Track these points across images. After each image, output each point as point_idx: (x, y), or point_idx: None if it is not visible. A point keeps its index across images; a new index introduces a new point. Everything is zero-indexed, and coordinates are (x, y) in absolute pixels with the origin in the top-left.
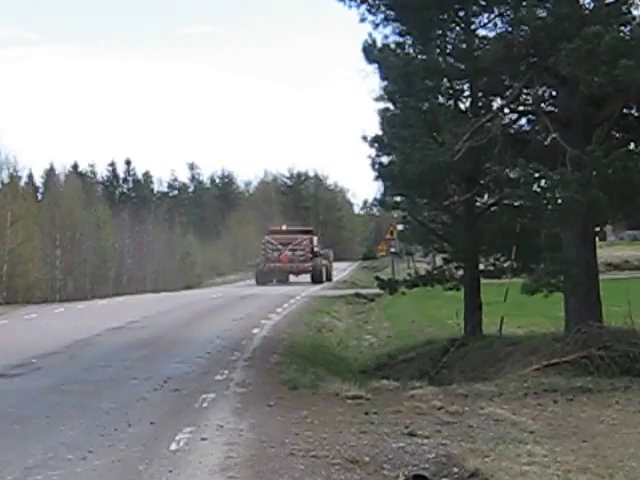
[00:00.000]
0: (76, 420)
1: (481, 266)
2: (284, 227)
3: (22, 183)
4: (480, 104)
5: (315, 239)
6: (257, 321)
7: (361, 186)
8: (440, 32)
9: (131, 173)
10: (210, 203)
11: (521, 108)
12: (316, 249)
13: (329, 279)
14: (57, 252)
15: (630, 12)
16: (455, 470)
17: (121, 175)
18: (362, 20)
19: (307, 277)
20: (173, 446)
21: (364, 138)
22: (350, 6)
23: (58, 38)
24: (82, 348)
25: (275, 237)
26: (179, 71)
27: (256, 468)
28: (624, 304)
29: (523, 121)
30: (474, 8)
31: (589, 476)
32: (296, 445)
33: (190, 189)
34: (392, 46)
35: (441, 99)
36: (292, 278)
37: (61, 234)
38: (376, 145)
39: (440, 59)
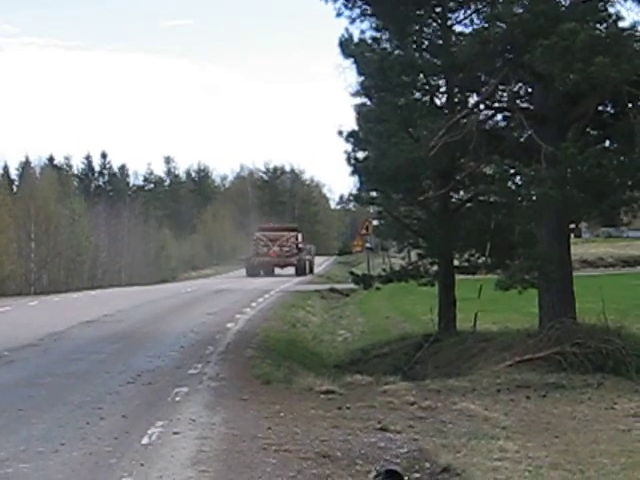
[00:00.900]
0: (48, 413)
1: (456, 262)
2: (272, 225)
3: None
4: (456, 100)
5: (300, 236)
6: (231, 315)
7: (337, 181)
8: (417, 28)
9: (107, 166)
10: (186, 197)
11: (497, 104)
12: (301, 245)
13: (311, 271)
14: (32, 245)
15: (606, 9)
16: (427, 465)
17: (97, 168)
18: (338, 15)
19: (291, 270)
20: (145, 440)
21: (340, 133)
22: (327, 1)
23: (35, 31)
24: (56, 341)
25: (264, 234)
26: (156, 64)
27: (228, 462)
28: (598, 301)
29: (499, 117)
30: (450, 4)
31: (560, 472)
32: (268, 439)
33: (166, 183)
34: (369, 41)
35: (417, 95)
36: (277, 270)
37: (36, 227)
38: (352, 140)
39: (416, 54)
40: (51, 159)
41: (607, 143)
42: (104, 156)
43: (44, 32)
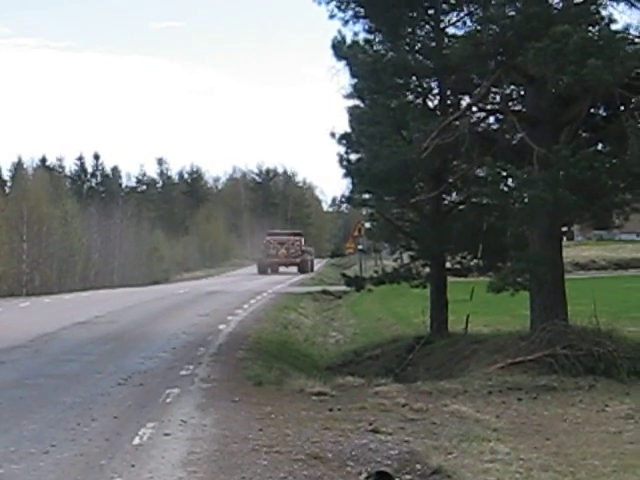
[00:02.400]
0: (39, 414)
1: (448, 264)
2: (279, 230)
3: None
4: (448, 102)
5: (302, 240)
6: (223, 317)
7: (330, 183)
8: (409, 30)
9: (99, 167)
10: (178, 199)
11: (489, 107)
12: (303, 248)
13: (312, 270)
14: (24, 246)
15: (599, 12)
16: (418, 467)
17: (89, 169)
18: (331, 17)
19: (294, 269)
20: (136, 441)
21: (332, 135)
22: (320, 2)
23: (28, 32)
24: (47, 342)
25: (274, 238)
26: (149, 66)
27: (219, 463)
28: (590, 303)
29: (491, 120)
30: (443, 6)
31: (551, 474)
32: (259, 441)
33: (158, 184)
34: (361, 43)
35: (410, 97)
36: (281, 269)
37: (28, 228)
38: (345, 142)
39: (409, 57)
40: (43, 160)
41: (599, 146)
42: (97, 157)
43: (36, 33)
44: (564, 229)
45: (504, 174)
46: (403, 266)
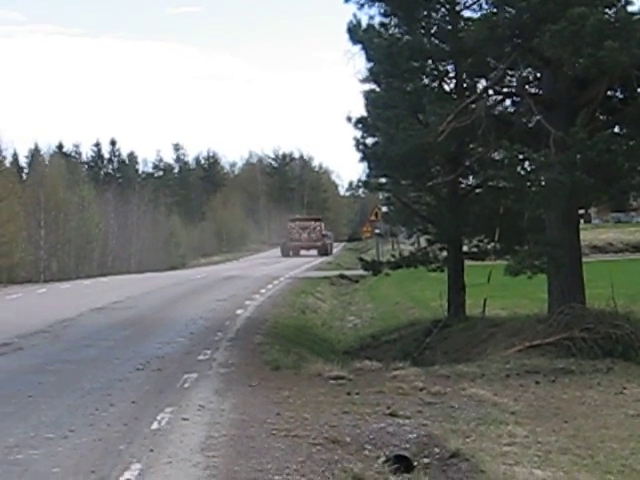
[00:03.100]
0: (58, 399)
1: (465, 248)
2: (301, 216)
3: (6, 163)
4: (464, 85)
5: (322, 225)
6: (241, 302)
7: (346, 168)
8: (425, 13)
9: (116, 153)
10: (195, 184)
11: (505, 90)
12: (323, 232)
13: (331, 253)
14: (41, 232)
15: None
16: (436, 450)
17: (106, 155)
18: (347, 0)
19: (314, 252)
20: (154, 425)
21: (349, 119)
22: None
23: (42, 18)
24: (65, 328)
25: (296, 223)
26: (165, 51)
27: (237, 448)
28: (607, 286)
29: (507, 103)
30: None
31: (570, 457)
32: (277, 425)
33: (175, 170)
34: (377, 27)
35: (425, 80)
36: (302, 252)
37: (45, 214)
38: (361, 126)
39: (425, 40)
40: (60, 147)
41: (616, 128)
42: (113, 143)
43: (51, 19)
44: (581, 212)
45: (521, 157)
46: (420, 250)
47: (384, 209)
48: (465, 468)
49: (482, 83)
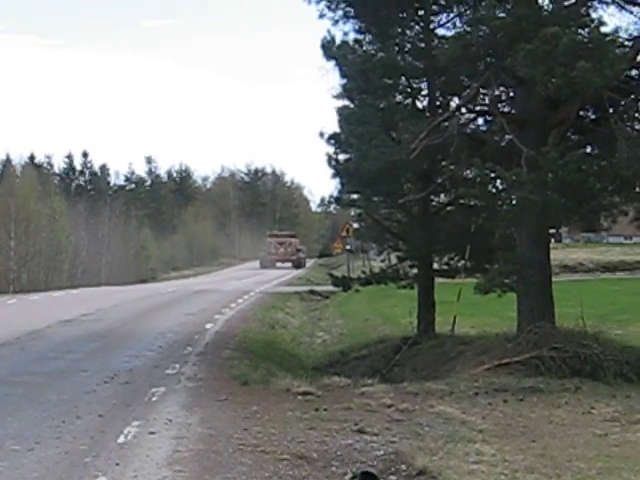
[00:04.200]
0: (24, 411)
1: (435, 265)
2: (278, 232)
3: None
4: (437, 103)
5: (297, 240)
6: (210, 316)
7: (318, 184)
8: (399, 30)
9: (88, 165)
10: (167, 197)
11: (478, 108)
12: (298, 247)
13: (304, 266)
14: (11, 243)
15: (588, 14)
16: (403, 468)
17: (78, 167)
18: (321, 16)
19: (288, 264)
20: (121, 439)
21: (321, 135)
22: (309, 2)
23: (17, 29)
24: (33, 340)
25: (274, 239)
26: (138, 64)
27: (203, 462)
28: (577, 306)
29: (480, 121)
30: (433, 7)
31: (536, 476)
32: (244, 440)
33: (147, 183)
34: (351, 43)
35: (399, 97)
36: (278, 265)
37: (16, 225)
38: (333, 142)
39: (398, 57)
40: (32, 158)
41: (588, 148)
42: (85, 155)
43: (26, 30)
44: (552, 231)
45: (492, 175)
46: (391, 267)
47: (355, 225)
48: None
49: (455, 101)
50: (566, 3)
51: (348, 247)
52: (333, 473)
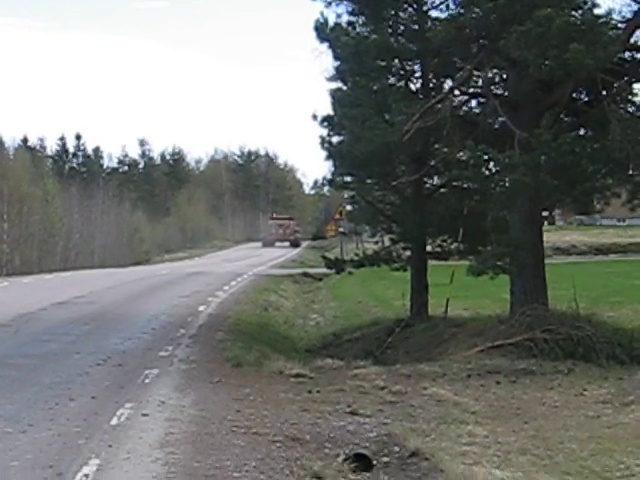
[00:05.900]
0: (18, 394)
1: (428, 247)
2: (278, 215)
3: None
4: (430, 85)
5: (295, 222)
6: (204, 298)
7: (311, 166)
8: (392, 12)
9: (81, 148)
10: (160, 180)
11: (471, 90)
12: (295, 229)
13: (300, 245)
14: (4, 226)
15: None
16: (396, 449)
17: (71, 150)
18: None
19: (286, 244)
20: (114, 421)
21: (314, 117)
22: None
23: (8, 11)
24: (26, 322)
25: (275, 222)
26: (131, 46)
27: (196, 444)
28: (570, 288)
29: (473, 103)
30: None
31: (529, 457)
32: (237, 422)
33: (140, 165)
34: (344, 25)
35: (392, 79)
36: (277, 244)
37: (9, 207)
38: (327, 124)
39: (392, 39)
40: (25, 140)
41: (581, 130)
42: (78, 138)
43: (17, 12)
44: (545, 213)
45: (485, 158)
46: (384, 249)
47: (348, 208)
48: (424, 467)
49: (448, 83)
50: None
51: (341, 229)
52: (326, 455)
